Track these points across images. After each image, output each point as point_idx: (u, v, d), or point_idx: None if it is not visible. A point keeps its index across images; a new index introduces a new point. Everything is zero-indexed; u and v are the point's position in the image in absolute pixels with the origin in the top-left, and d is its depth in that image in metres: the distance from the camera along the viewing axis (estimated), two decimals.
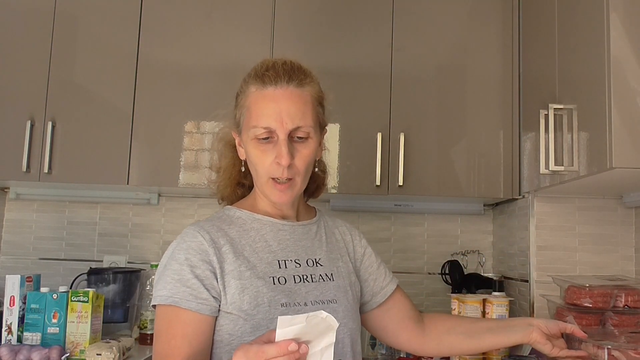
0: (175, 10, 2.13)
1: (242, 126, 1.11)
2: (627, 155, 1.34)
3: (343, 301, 1.13)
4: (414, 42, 2.12)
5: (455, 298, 1.94)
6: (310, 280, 1.10)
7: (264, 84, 1.07)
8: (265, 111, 1.06)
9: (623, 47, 1.36)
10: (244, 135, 1.10)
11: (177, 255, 1.04)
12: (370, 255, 1.28)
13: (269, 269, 1.07)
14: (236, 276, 1.03)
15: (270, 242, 1.11)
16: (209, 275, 1.02)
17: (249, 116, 1.08)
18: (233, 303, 1.02)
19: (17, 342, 1.84)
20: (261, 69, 1.10)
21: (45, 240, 2.41)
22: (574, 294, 1.64)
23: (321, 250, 1.16)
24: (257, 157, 1.08)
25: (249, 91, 1.10)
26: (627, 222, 1.93)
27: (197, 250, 1.04)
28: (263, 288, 1.04)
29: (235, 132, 1.15)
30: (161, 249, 2.39)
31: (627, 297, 1.61)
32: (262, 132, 1.06)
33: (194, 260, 1.03)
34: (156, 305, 1.03)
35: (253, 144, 1.08)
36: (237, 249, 1.07)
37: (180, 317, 1.00)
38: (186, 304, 1.00)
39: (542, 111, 1.68)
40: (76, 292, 1.87)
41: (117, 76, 2.10)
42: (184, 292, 1.00)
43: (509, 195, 2.06)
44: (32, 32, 2.11)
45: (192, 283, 1.01)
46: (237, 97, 1.15)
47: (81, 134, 2.07)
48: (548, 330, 1.22)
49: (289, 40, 2.11)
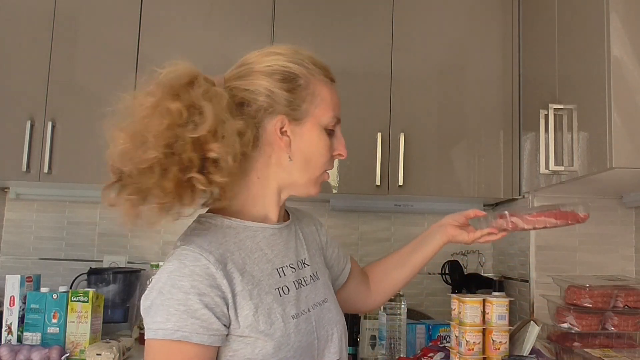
0: (175, 10, 2.13)
1: (306, 111, 1.01)
2: (627, 155, 1.34)
3: (331, 298, 1.12)
4: (414, 42, 2.12)
5: (455, 298, 1.94)
6: (305, 284, 1.06)
7: (329, 78, 1.07)
8: (337, 104, 1.06)
9: (623, 47, 1.36)
10: (308, 123, 1.01)
11: (179, 282, 0.89)
12: (331, 242, 1.26)
13: (271, 281, 0.99)
14: (247, 296, 0.93)
15: (265, 250, 1.02)
16: (219, 303, 0.90)
17: (323, 104, 1.03)
18: (249, 326, 0.92)
19: (17, 342, 1.84)
20: (321, 63, 1.07)
21: (45, 240, 2.41)
22: (574, 294, 1.64)
23: (303, 249, 1.11)
24: (326, 148, 1.03)
25: (318, 79, 1.04)
26: (627, 222, 1.93)
27: (203, 275, 0.90)
28: (273, 303, 0.96)
29: (280, 116, 1.00)
30: (161, 249, 2.40)
31: (627, 297, 1.61)
32: (335, 122, 1.04)
33: (202, 288, 0.89)
34: (150, 338, 0.89)
35: (321, 133, 1.02)
36: (239, 264, 0.96)
37: (185, 351, 0.88)
38: (197, 337, 0.88)
39: (542, 111, 1.68)
40: (76, 292, 1.87)
41: (117, 76, 2.09)
42: (193, 325, 0.87)
43: (509, 195, 2.06)
44: (32, 32, 2.11)
45: (201, 314, 0.88)
46: (295, 80, 1.02)
47: (81, 134, 2.07)
48: (458, 222, 1.32)
49: (289, 41, 2.08)
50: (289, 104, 1.00)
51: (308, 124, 1.02)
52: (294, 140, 1.01)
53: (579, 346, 1.62)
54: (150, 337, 0.89)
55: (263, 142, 1.01)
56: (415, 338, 1.97)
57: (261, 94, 1.00)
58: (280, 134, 1.00)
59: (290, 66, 1.03)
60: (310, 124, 1.02)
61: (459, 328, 1.65)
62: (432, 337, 1.99)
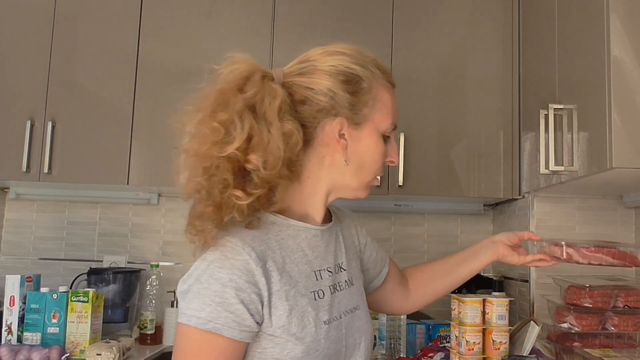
0: (175, 10, 2.13)
1: (367, 116, 0.99)
2: (627, 155, 1.34)
3: (363, 305, 1.10)
4: (414, 42, 2.12)
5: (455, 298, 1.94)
6: (339, 289, 1.04)
7: (391, 83, 1.06)
8: (396, 111, 1.05)
9: (623, 47, 1.36)
10: (367, 128, 1.00)
11: (218, 273, 0.88)
12: (370, 244, 1.24)
13: (308, 283, 0.97)
14: (283, 297, 0.92)
15: (306, 251, 1.00)
16: (254, 299, 0.89)
17: (384, 110, 1.01)
18: (281, 327, 0.91)
19: (17, 342, 1.84)
20: (384, 67, 1.05)
21: (45, 240, 2.41)
22: (574, 294, 1.64)
23: (341, 253, 1.09)
24: (381, 154, 1.02)
25: (381, 84, 1.02)
26: (627, 222, 1.93)
27: (242, 270, 0.89)
28: (307, 307, 0.95)
29: (341, 119, 0.98)
30: (161, 249, 2.40)
31: (627, 297, 1.61)
32: (392, 129, 1.04)
33: (240, 283, 0.88)
34: (182, 323, 0.89)
35: (379, 139, 1.01)
36: (279, 264, 0.94)
37: (216, 343, 0.88)
38: (228, 331, 0.87)
39: (542, 111, 1.68)
40: (76, 292, 1.87)
41: (117, 76, 2.10)
42: (226, 318, 0.87)
43: (509, 195, 2.06)
44: (32, 32, 2.11)
45: (236, 308, 0.87)
46: (358, 82, 1.00)
47: (81, 134, 2.07)
48: (510, 242, 1.28)
49: (289, 40, 2.11)
50: (350, 106, 0.98)
51: (367, 129, 1.00)
52: (351, 143, 0.99)
53: (579, 346, 1.62)
54: (183, 322, 0.89)
55: (318, 143, 0.99)
56: (415, 338, 1.97)
57: (323, 94, 0.97)
58: (338, 136, 0.98)
59: (354, 68, 1.00)
60: (369, 129, 1.00)
61: (459, 328, 1.65)
62: (432, 337, 1.99)
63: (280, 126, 0.92)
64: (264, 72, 0.97)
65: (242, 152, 0.90)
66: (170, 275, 2.35)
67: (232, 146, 0.90)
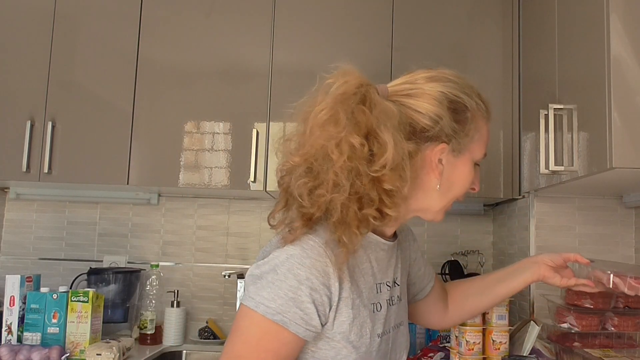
0: (175, 10, 2.13)
1: (466, 145, 1.01)
2: (627, 155, 1.34)
3: (406, 322, 1.12)
4: (414, 42, 2.12)
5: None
6: (392, 304, 1.06)
7: (489, 114, 1.07)
8: (489, 140, 1.07)
9: (623, 47, 1.36)
10: (465, 154, 1.02)
11: (296, 269, 0.90)
12: (420, 259, 1.25)
13: (371, 295, 1.00)
14: (349, 304, 0.94)
15: (373, 263, 1.02)
16: (325, 302, 0.91)
17: (481, 141, 1.04)
18: (341, 332, 0.93)
19: (17, 342, 1.85)
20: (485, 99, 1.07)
21: (45, 240, 2.41)
22: (575, 295, 1.64)
23: (398, 268, 1.10)
24: (469, 182, 1.05)
25: (483, 115, 1.04)
26: (627, 222, 1.93)
27: (320, 271, 0.90)
28: (367, 318, 0.97)
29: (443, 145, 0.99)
30: (161, 249, 2.40)
31: (627, 298, 1.61)
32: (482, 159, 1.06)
33: (316, 283, 0.90)
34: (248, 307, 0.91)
35: (472, 168, 1.04)
36: (351, 272, 0.96)
37: (280, 335, 0.90)
38: (294, 327, 0.89)
39: (542, 111, 1.68)
40: (76, 292, 1.87)
41: (117, 76, 2.10)
42: (295, 314, 0.89)
43: (509, 195, 2.06)
44: (32, 32, 2.11)
45: (306, 307, 0.89)
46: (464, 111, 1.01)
47: (81, 134, 2.07)
48: (554, 263, 1.23)
49: (289, 40, 2.11)
50: (454, 134, 0.99)
51: (464, 158, 1.02)
52: (446, 169, 1.00)
53: (579, 346, 1.62)
54: (251, 306, 0.90)
55: (416, 164, 0.98)
56: (415, 338, 1.97)
57: (430, 118, 0.97)
58: (437, 162, 0.99)
59: (462, 97, 1.01)
60: (466, 158, 1.02)
61: (459, 328, 1.65)
62: (432, 337, 1.99)
63: (405, 144, 0.92)
64: (374, 88, 0.97)
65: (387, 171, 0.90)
66: (170, 275, 2.35)
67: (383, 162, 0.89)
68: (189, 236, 2.41)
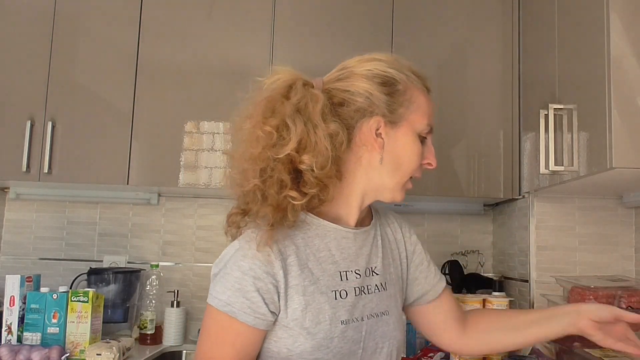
0: (175, 10, 2.13)
1: (402, 115, 1.03)
2: (627, 155, 1.34)
3: (394, 311, 1.10)
4: (414, 42, 2.12)
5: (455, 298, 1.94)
6: (367, 292, 1.05)
7: (426, 87, 1.09)
8: (432, 113, 1.08)
9: (623, 47, 1.36)
10: (403, 127, 1.04)
11: (240, 261, 0.95)
12: (421, 252, 1.23)
13: (331, 282, 1.01)
14: (300, 291, 0.97)
15: (334, 251, 1.03)
16: (270, 289, 0.95)
17: (419, 111, 1.05)
18: (295, 320, 0.96)
19: (17, 342, 1.84)
20: (419, 72, 1.09)
21: (45, 240, 2.41)
22: (578, 295, 1.64)
23: (377, 257, 1.10)
24: (417, 154, 1.05)
25: (417, 87, 1.06)
26: (627, 222, 1.93)
27: (262, 261, 0.95)
28: (325, 305, 0.98)
29: (377, 117, 1.02)
30: (161, 249, 2.40)
31: (629, 299, 1.61)
32: (428, 130, 1.07)
33: (258, 272, 0.95)
34: (208, 303, 0.98)
35: (415, 139, 1.05)
36: (302, 260, 0.99)
37: (233, 326, 0.95)
38: (243, 316, 0.94)
39: (542, 111, 1.68)
40: (76, 292, 1.87)
41: (117, 76, 2.10)
42: (242, 304, 0.94)
43: (509, 195, 2.06)
44: (32, 32, 2.11)
45: (252, 296, 0.94)
46: (394, 84, 1.04)
47: (81, 134, 2.07)
48: (599, 318, 1.09)
49: (289, 40, 2.11)
50: (387, 106, 1.02)
51: (403, 128, 1.04)
52: (387, 142, 1.03)
53: (579, 346, 1.61)
54: (210, 302, 0.97)
55: (356, 143, 1.03)
56: (415, 338, 1.97)
57: (361, 95, 1.02)
58: (375, 135, 1.03)
59: (390, 71, 1.05)
60: (405, 128, 1.04)
61: None
62: None
63: (325, 127, 0.98)
64: (305, 80, 1.04)
65: (295, 153, 0.96)
66: (170, 275, 2.35)
67: (288, 147, 0.95)
68: (189, 236, 2.41)
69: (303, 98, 0.99)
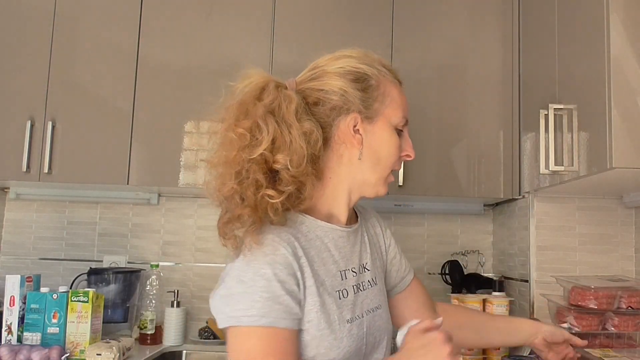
0: (175, 10, 2.13)
1: (378, 110, 1.05)
2: (627, 155, 1.34)
3: (384, 305, 1.12)
4: (414, 42, 2.12)
5: (455, 298, 1.94)
6: (363, 289, 1.07)
7: (398, 80, 1.10)
8: (406, 105, 1.10)
9: (623, 47, 1.36)
10: (379, 121, 1.05)
11: (261, 270, 0.92)
12: (394, 246, 1.25)
13: (334, 283, 1.01)
14: (313, 293, 0.96)
15: (333, 251, 1.04)
16: (295, 290, 0.94)
17: (394, 104, 1.07)
18: (309, 321, 0.95)
19: (17, 342, 1.84)
20: (389, 66, 1.10)
21: (45, 240, 2.41)
22: (578, 295, 1.64)
23: (366, 254, 1.12)
24: (395, 147, 1.07)
25: (389, 80, 1.08)
26: (627, 222, 1.93)
27: (283, 264, 0.93)
28: (332, 305, 0.98)
29: (354, 114, 1.03)
30: (161, 249, 2.40)
31: (629, 299, 1.61)
32: (404, 122, 1.08)
33: (283, 275, 0.92)
34: (233, 327, 0.91)
35: (392, 132, 1.06)
36: (310, 261, 0.98)
37: (277, 336, 0.91)
38: (283, 322, 0.91)
39: (542, 111, 1.68)
40: (76, 292, 1.87)
41: (117, 76, 2.10)
42: (278, 310, 0.91)
43: (509, 195, 2.06)
44: (32, 32, 2.11)
45: (284, 299, 0.91)
46: (366, 80, 1.05)
47: (81, 134, 2.07)
48: (552, 339, 1.29)
49: (289, 40, 2.11)
50: (362, 102, 1.03)
51: (379, 123, 1.05)
52: (365, 138, 1.04)
53: None
54: (233, 324, 0.91)
55: (335, 141, 1.04)
56: None
57: (335, 93, 1.03)
58: (353, 131, 1.03)
59: (361, 67, 1.06)
60: (381, 122, 1.05)
61: None
62: None
63: (299, 126, 0.97)
64: (277, 82, 1.03)
65: (269, 153, 0.95)
66: (170, 275, 2.35)
67: (261, 148, 0.95)
68: (189, 236, 2.41)
69: (276, 99, 0.99)
